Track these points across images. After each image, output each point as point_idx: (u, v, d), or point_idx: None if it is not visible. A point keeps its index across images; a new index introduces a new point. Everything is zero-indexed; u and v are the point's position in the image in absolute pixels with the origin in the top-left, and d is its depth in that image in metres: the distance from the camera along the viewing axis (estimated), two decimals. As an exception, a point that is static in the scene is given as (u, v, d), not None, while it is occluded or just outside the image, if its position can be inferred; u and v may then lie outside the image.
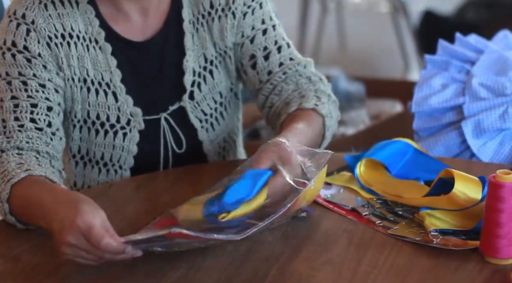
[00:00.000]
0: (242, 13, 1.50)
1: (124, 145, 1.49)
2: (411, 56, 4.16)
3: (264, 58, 1.51)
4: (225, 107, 1.55)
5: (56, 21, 1.43)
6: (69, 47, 1.44)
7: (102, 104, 1.47)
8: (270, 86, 1.52)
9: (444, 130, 1.65)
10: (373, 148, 1.47)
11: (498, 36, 1.81)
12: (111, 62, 1.46)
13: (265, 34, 1.51)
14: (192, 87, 1.51)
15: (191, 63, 1.50)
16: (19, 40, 1.42)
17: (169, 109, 1.51)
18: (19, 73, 1.42)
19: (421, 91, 1.69)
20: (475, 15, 3.72)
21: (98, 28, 1.46)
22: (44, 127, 1.41)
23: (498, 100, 1.60)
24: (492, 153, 1.59)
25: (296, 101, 1.46)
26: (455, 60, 1.72)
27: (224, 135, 1.56)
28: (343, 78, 2.91)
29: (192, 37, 1.50)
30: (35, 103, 1.41)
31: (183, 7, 1.49)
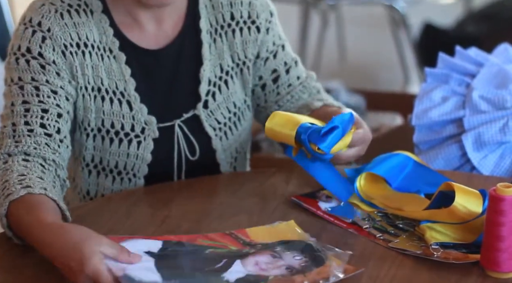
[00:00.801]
0: (265, 28, 1.55)
1: (138, 153, 1.49)
2: (411, 69, 4.17)
3: (285, 72, 1.58)
4: (238, 118, 1.57)
5: (71, 30, 1.44)
6: (83, 56, 1.45)
7: (116, 113, 1.48)
8: (289, 97, 1.59)
9: (445, 143, 1.65)
10: (373, 161, 1.47)
11: (498, 49, 1.82)
12: (125, 71, 1.47)
13: (284, 49, 1.58)
14: (207, 96, 1.52)
15: (208, 73, 1.51)
16: (34, 46, 1.42)
17: (183, 116, 1.52)
18: (32, 78, 1.42)
19: (421, 104, 1.69)
20: (475, 28, 3.73)
21: (112, 37, 1.47)
22: (54, 133, 1.41)
23: (499, 113, 1.61)
24: (492, 166, 1.59)
25: (317, 102, 1.54)
26: (455, 73, 1.72)
27: (236, 145, 1.58)
28: (343, 91, 2.91)
29: (210, 47, 1.52)
30: (46, 109, 1.41)
31: (200, 17, 1.51)
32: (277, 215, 1.37)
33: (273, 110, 1.60)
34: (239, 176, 1.56)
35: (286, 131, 1.34)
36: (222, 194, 1.49)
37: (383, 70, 4.43)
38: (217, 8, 1.52)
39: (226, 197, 1.46)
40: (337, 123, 1.31)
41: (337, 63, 4.52)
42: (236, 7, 1.52)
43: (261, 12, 1.54)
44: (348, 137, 1.34)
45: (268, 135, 1.36)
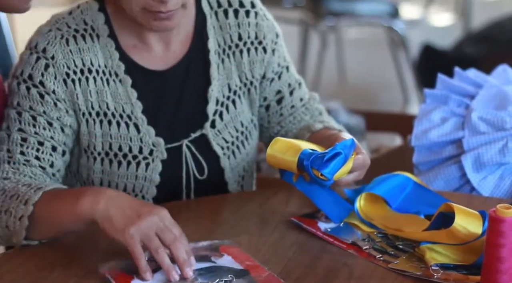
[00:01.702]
0: (272, 49, 1.57)
1: (146, 175, 1.50)
2: (410, 90, 4.18)
3: (289, 93, 1.60)
4: (246, 137, 1.57)
5: (76, 56, 1.45)
6: (87, 82, 1.46)
7: (124, 136, 1.48)
8: (291, 118, 1.61)
9: (444, 164, 1.65)
10: (373, 181, 1.47)
11: (497, 71, 1.82)
12: (131, 94, 1.48)
13: (288, 71, 1.60)
14: (214, 116, 1.53)
15: (216, 93, 1.53)
16: (36, 74, 1.44)
17: (191, 135, 1.52)
18: (30, 107, 1.44)
19: (421, 125, 1.70)
20: (474, 49, 3.75)
21: (118, 61, 1.47)
22: (47, 167, 1.44)
23: (498, 134, 1.61)
24: (492, 187, 1.59)
25: (318, 124, 1.55)
26: (455, 94, 1.73)
27: (244, 164, 1.58)
28: (343, 111, 2.92)
29: (218, 67, 1.53)
30: (42, 141, 1.44)
31: (208, 37, 1.52)
32: (276, 235, 1.37)
33: (276, 131, 1.61)
34: (239, 196, 1.56)
35: (288, 157, 1.34)
36: (225, 214, 1.49)
37: (383, 90, 4.44)
38: (224, 29, 1.53)
39: (228, 217, 1.46)
40: (340, 149, 1.32)
41: (336, 84, 4.53)
42: (244, 28, 1.54)
43: (267, 33, 1.55)
44: (349, 163, 1.34)
45: (270, 162, 1.35)
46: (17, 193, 1.35)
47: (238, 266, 1.26)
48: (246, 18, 1.54)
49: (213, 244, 1.32)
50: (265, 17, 1.56)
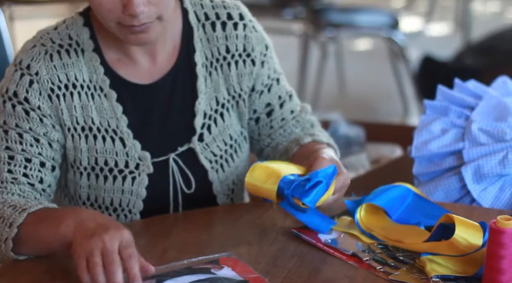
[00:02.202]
0: (260, 61, 1.55)
1: (133, 189, 1.49)
2: (410, 101, 4.19)
3: (279, 106, 1.59)
4: (235, 150, 1.56)
5: (60, 71, 1.45)
6: (72, 97, 1.46)
7: (109, 151, 1.48)
8: (282, 131, 1.59)
9: (444, 175, 1.65)
10: (373, 192, 1.47)
11: (497, 82, 1.83)
12: (116, 108, 1.47)
13: (278, 83, 1.59)
14: (202, 129, 1.52)
15: (203, 106, 1.52)
16: (21, 91, 1.43)
17: (178, 149, 1.52)
18: (16, 124, 1.44)
19: (421, 136, 1.70)
20: (473, 61, 3.76)
21: (103, 75, 1.47)
22: (36, 183, 1.44)
23: (498, 146, 1.61)
24: (492, 198, 1.59)
25: (307, 138, 1.54)
26: (455, 106, 1.73)
27: (233, 177, 1.57)
28: (343, 122, 2.92)
29: (205, 81, 1.52)
30: (29, 158, 1.43)
31: (195, 50, 1.51)
32: (276, 247, 1.37)
33: (266, 143, 1.61)
34: (237, 208, 1.56)
35: (267, 186, 1.32)
36: (221, 225, 1.49)
37: (383, 101, 4.45)
38: (212, 42, 1.52)
39: (225, 228, 1.46)
40: (321, 177, 1.30)
41: (336, 95, 4.54)
42: (232, 40, 1.52)
43: (256, 45, 1.54)
44: (331, 189, 1.34)
45: (249, 190, 1.34)
46: (2, 215, 1.35)
47: (238, 277, 1.25)
48: (234, 31, 1.52)
49: (212, 257, 1.32)
50: (254, 29, 1.55)
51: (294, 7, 4.23)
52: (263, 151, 1.61)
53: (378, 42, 4.66)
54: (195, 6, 1.53)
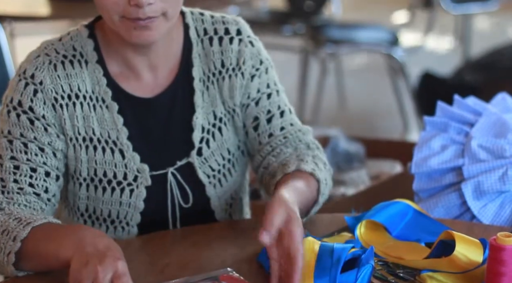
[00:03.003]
0: (250, 75, 1.54)
1: (130, 201, 1.49)
2: (410, 117, 4.19)
3: (267, 120, 1.55)
4: (233, 164, 1.56)
5: (63, 81, 1.46)
6: (74, 107, 1.46)
7: (109, 162, 1.48)
8: (269, 148, 1.55)
9: (444, 191, 1.65)
10: (373, 209, 1.47)
11: (496, 99, 1.83)
12: (117, 120, 1.48)
13: (269, 98, 1.55)
14: (201, 143, 1.52)
15: (201, 120, 1.52)
16: (25, 100, 1.44)
17: (177, 164, 1.52)
18: (21, 134, 1.44)
19: (421, 152, 1.70)
20: (473, 77, 3.76)
21: (105, 87, 1.48)
22: (42, 192, 1.44)
23: (498, 162, 1.61)
24: (492, 215, 1.59)
25: (294, 163, 1.48)
26: (454, 122, 1.73)
27: (231, 192, 1.57)
28: (343, 139, 2.92)
29: (202, 95, 1.52)
30: (34, 168, 1.43)
31: (193, 65, 1.52)
32: (277, 264, 1.36)
33: (258, 161, 1.57)
34: (238, 224, 1.55)
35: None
36: (221, 242, 1.48)
37: (382, 118, 4.45)
38: (209, 56, 1.53)
39: (225, 245, 1.46)
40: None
41: (336, 111, 4.54)
42: (227, 55, 1.53)
43: (248, 59, 1.53)
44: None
45: None
46: (7, 228, 1.35)
47: None
48: (229, 45, 1.53)
49: (213, 274, 1.31)
50: (250, 43, 1.54)
51: (294, 23, 4.24)
52: (258, 171, 1.58)
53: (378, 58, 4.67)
54: (196, 22, 1.54)
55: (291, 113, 1.58)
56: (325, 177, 1.49)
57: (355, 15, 5.68)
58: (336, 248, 1.26)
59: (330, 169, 1.55)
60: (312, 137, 1.58)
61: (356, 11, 6.20)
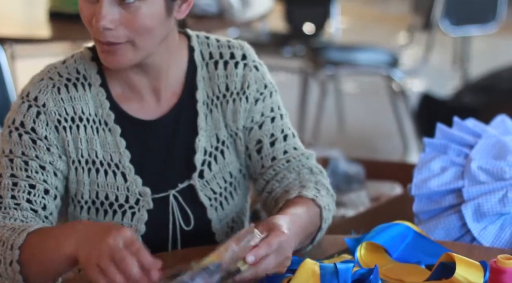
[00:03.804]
0: (255, 99, 1.54)
1: (132, 224, 1.49)
2: (410, 138, 4.19)
3: (270, 144, 1.55)
4: (234, 187, 1.56)
5: (67, 104, 1.46)
6: (78, 130, 1.47)
7: (111, 185, 1.48)
8: (272, 172, 1.55)
9: (444, 213, 1.65)
10: (373, 230, 1.47)
11: (495, 121, 1.83)
12: (120, 143, 1.48)
13: (273, 122, 1.55)
14: (203, 166, 1.52)
15: (203, 143, 1.52)
16: (28, 121, 1.44)
17: (178, 186, 1.52)
18: (22, 153, 1.44)
19: (421, 174, 1.70)
20: (472, 99, 3.78)
21: (108, 110, 1.48)
22: (39, 209, 1.43)
23: (498, 184, 1.61)
24: (493, 237, 1.58)
25: (296, 190, 1.48)
26: (454, 144, 1.73)
27: (233, 215, 1.57)
28: (343, 160, 2.92)
29: (206, 118, 1.53)
30: (33, 184, 1.43)
31: (197, 88, 1.52)
32: None
33: (262, 185, 1.57)
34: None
35: None
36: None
37: (382, 139, 4.45)
38: (213, 80, 1.53)
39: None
40: None
41: (336, 132, 4.55)
42: (231, 78, 1.53)
43: (252, 83, 1.54)
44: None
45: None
46: (2, 239, 1.34)
47: None
48: (234, 69, 1.53)
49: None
50: (255, 68, 1.54)
51: (294, 45, 4.26)
52: (261, 196, 1.58)
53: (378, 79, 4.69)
54: (202, 45, 1.55)
55: (294, 137, 1.58)
56: (328, 203, 1.49)
57: (354, 37, 5.70)
58: (340, 269, 1.26)
59: (334, 194, 1.54)
60: (315, 162, 1.58)
61: (355, 33, 6.23)
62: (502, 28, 4.75)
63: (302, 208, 1.41)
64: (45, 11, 3.10)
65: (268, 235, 1.28)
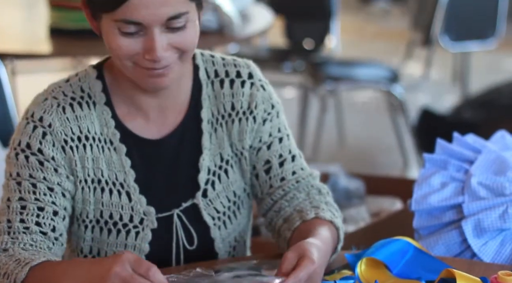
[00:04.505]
0: (262, 119, 1.54)
1: (136, 243, 1.49)
2: (410, 154, 4.19)
3: (279, 164, 1.55)
4: (238, 206, 1.56)
5: (73, 124, 1.45)
6: (84, 149, 1.46)
7: (115, 204, 1.48)
8: (282, 192, 1.55)
9: (445, 229, 1.65)
10: (373, 246, 1.47)
11: (495, 137, 1.83)
12: (125, 162, 1.48)
13: (281, 142, 1.55)
14: (206, 185, 1.52)
15: (207, 162, 1.52)
16: (34, 142, 1.44)
17: (182, 205, 1.51)
18: (29, 175, 1.43)
19: (421, 190, 1.70)
20: (472, 114, 3.78)
21: (113, 129, 1.48)
22: (49, 231, 1.42)
23: (498, 200, 1.61)
24: (493, 253, 1.58)
25: (311, 210, 1.48)
26: (454, 159, 1.73)
27: (235, 235, 1.56)
28: (343, 175, 2.92)
29: (210, 137, 1.52)
30: (42, 207, 1.42)
31: (202, 107, 1.52)
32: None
33: (269, 205, 1.57)
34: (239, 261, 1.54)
35: None
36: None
37: (382, 154, 4.45)
38: (219, 98, 1.53)
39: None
40: None
41: (336, 147, 4.55)
42: (237, 98, 1.53)
43: (260, 103, 1.53)
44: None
45: None
46: (7, 271, 1.34)
47: None
48: (240, 88, 1.52)
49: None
50: (262, 88, 1.54)
51: (294, 60, 4.27)
52: (267, 214, 1.57)
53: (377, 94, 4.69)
54: (207, 63, 1.54)
55: (301, 158, 1.58)
56: (341, 225, 1.50)
57: (354, 52, 5.72)
58: None
59: (342, 216, 1.55)
60: (320, 182, 1.59)
61: (355, 48, 6.24)
62: (502, 44, 4.77)
63: (326, 231, 1.42)
64: (45, 27, 3.11)
65: (298, 266, 1.28)
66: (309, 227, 1.43)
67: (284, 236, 1.48)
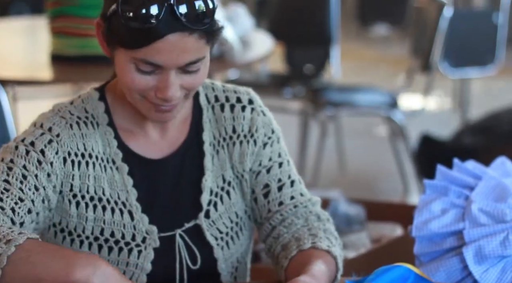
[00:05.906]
0: (263, 143, 1.56)
1: (138, 262, 1.49)
2: (410, 179, 4.19)
3: (277, 188, 1.55)
4: (240, 227, 1.56)
5: (79, 140, 1.47)
6: (87, 166, 1.47)
7: (117, 223, 1.49)
8: (280, 216, 1.55)
9: (446, 255, 1.65)
10: (374, 273, 1.46)
11: (495, 163, 1.84)
12: (127, 181, 1.49)
13: (280, 167, 1.56)
14: (209, 206, 1.53)
15: (210, 183, 1.53)
16: (39, 143, 1.45)
17: (185, 225, 1.52)
18: (24, 166, 1.43)
19: (421, 216, 1.70)
20: (472, 140, 3.79)
21: (116, 149, 1.50)
22: (17, 223, 1.40)
23: (498, 227, 1.61)
24: (494, 280, 1.57)
25: (308, 239, 1.48)
26: (454, 186, 1.73)
27: (237, 255, 1.57)
28: (343, 201, 2.91)
29: (212, 159, 1.54)
30: (23, 198, 1.41)
31: (203, 130, 1.54)
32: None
33: (267, 230, 1.57)
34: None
35: None
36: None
37: (382, 180, 4.45)
38: (220, 122, 1.55)
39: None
40: None
41: (336, 173, 4.55)
42: (238, 121, 1.55)
43: (260, 127, 1.56)
44: None
45: None
46: None
47: None
48: (241, 112, 1.55)
49: None
50: (262, 113, 1.57)
51: (294, 86, 4.28)
52: (267, 240, 1.57)
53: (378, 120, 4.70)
54: (206, 89, 1.57)
55: (301, 183, 1.59)
56: (340, 252, 1.50)
57: (354, 78, 5.74)
58: None
59: (341, 242, 1.55)
60: (320, 208, 1.59)
61: (355, 74, 6.26)
62: (501, 70, 4.79)
63: (321, 264, 1.41)
64: (46, 54, 3.12)
65: None
66: (304, 260, 1.42)
67: (281, 264, 1.48)
